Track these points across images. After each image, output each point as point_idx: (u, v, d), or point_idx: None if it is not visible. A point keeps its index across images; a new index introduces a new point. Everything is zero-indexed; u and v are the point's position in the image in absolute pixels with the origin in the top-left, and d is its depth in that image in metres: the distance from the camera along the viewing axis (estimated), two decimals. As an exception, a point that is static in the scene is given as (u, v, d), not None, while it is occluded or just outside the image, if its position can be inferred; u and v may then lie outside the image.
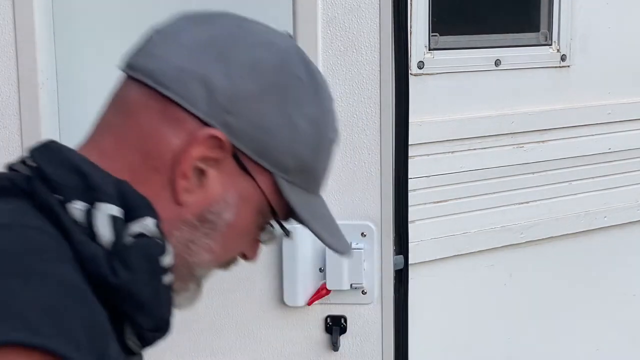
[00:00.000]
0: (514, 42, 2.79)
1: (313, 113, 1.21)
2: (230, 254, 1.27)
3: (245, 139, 1.16)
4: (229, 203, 1.18)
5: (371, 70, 1.84)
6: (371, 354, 1.94)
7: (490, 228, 2.72)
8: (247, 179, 1.18)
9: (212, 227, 1.19)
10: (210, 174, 1.16)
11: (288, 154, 1.19)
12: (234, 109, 1.15)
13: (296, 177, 1.21)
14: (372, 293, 1.91)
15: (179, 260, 1.19)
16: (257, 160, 1.18)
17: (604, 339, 2.98)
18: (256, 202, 1.21)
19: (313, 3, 1.81)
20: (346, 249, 1.32)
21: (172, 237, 1.17)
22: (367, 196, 1.89)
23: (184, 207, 1.17)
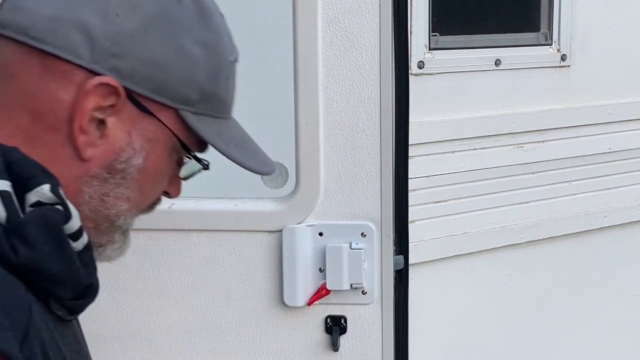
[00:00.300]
0: (514, 42, 2.79)
1: (205, 37, 1.17)
2: (150, 197, 1.24)
3: (138, 79, 1.12)
4: (136, 148, 1.15)
5: (371, 70, 1.83)
6: (371, 354, 1.93)
7: (490, 228, 2.72)
8: (150, 120, 1.15)
9: (124, 175, 1.16)
10: (109, 123, 1.12)
11: (187, 85, 1.15)
12: (119, 50, 1.10)
13: (201, 107, 1.18)
14: (372, 293, 1.91)
15: (97, 215, 1.17)
16: (156, 99, 1.14)
17: (604, 339, 2.98)
18: (165, 140, 1.18)
19: (313, 3, 1.81)
20: (267, 168, 1.30)
21: (83, 194, 1.15)
22: (367, 196, 1.88)
23: (90, 161, 1.14)
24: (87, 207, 1.16)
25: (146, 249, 1.98)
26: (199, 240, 1.95)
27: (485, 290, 2.75)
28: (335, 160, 1.87)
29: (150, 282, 1.99)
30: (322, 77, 1.84)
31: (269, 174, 1.34)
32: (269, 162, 1.32)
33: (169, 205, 1.96)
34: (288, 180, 2.41)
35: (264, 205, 1.93)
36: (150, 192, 1.24)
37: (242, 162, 1.24)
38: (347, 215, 1.89)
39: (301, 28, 1.82)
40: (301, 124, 1.86)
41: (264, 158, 1.31)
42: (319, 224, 1.89)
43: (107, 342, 2.01)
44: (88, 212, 1.17)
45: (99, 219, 1.18)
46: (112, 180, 1.16)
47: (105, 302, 1.99)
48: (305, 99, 1.85)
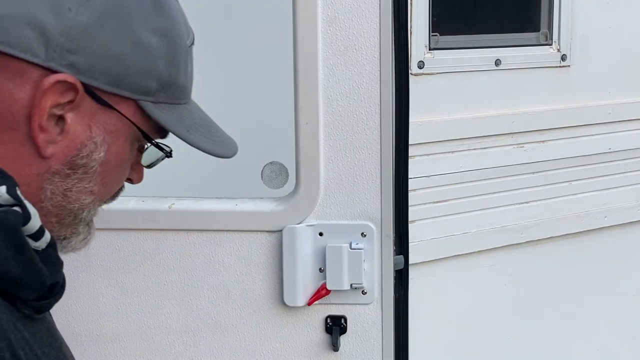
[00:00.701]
0: (514, 41, 2.78)
1: (161, 25, 1.16)
2: (113, 188, 1.24)
3: (96, 73, 1.11)
4: (97, 142, 1.15)
5: (371, 70, 1.84)
6: (371, 354, 1.94)
7: (490, 228, 2.72)
8: (110, 113, 1.15)
9: (86, 170, 1.16)
10: (69, 119, 1.12)
11: (146, 76, 1.15)
12: (74, 46, 1.10)
13: (161, 95, 1.18)
14: (372, 293, 1.91)
15: (61, 210, 1.18)
16: (115, 92, 1.14)
17: (604, 339, 2.98)
18: (126, 131, 1.18)
19: (313, 3, 1.81)
20: (229, 151, 1.29)
21: (44, 191, 1.15)
22: (367, 196, 1.89)
23: (51, 158, 1.13)
24: (50, 203, 1.16)
25: (146, 249, 1.98)
26: (199, 240, 1.96)
27: (485, 290, 2.75)
28: (335, 160, 1.88)
29: (150, 282, 1.99)
30: (322, 76, 1.84)
31: (231, 157, 1.32)
32: (231, 144, 1.31)
33: (169, 205, 1.97)
34: (288, 180, 2.42)
35: (264, 205, 1.93)
36: (114, 183, 1.24)
37: (205, 147, 1.24)
38: (347, 215, 1.89)
39: (301, 28, 1.83)
40: (301, 124, 1.86)
41: (226, 141, 1.30)
42: (319, 223, 1.90)
43: (107, 342, 2.01)
44: (51, 208, 1.17)
45: (62, 213, 1.19)
46: (74, 176, 1.16)
47: (105, 302, 1.99)
48: (305, 98, 1.85)
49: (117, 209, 1.96)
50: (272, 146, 2.57)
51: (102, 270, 2.00)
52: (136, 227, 1.98)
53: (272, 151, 2.52)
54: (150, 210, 1.97)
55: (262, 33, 2.67)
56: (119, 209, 1.96)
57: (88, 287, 1.99)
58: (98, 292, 1.99)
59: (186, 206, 1.97)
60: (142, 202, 1.99)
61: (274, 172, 2.47)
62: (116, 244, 1.99)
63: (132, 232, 1.98)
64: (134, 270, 1.99)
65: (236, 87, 2.72)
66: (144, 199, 2.00)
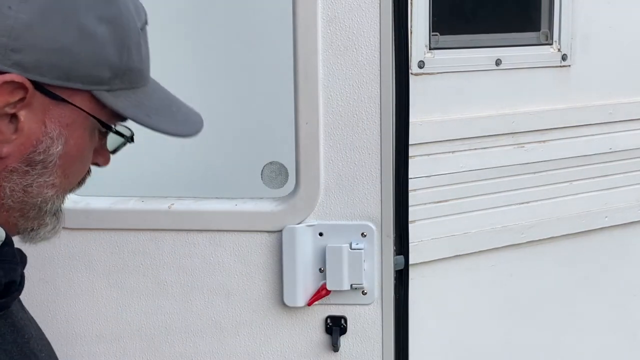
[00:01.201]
0: (515, 41, 2.77)
1: (107, 12, 1.15)
2: (77, 177, 1.24)
3: (44, 69, 1.11)
4: (54, 136, 1.15)
5: (371, 69, 1.84)
6: (371, 355, 1.94)
7: (491, 228, 2.71)
8: (64, 106, 1.14)
9: (45, 165, 1.16)
10: (22, 116, 1.12)
11: (97, 65, 1.14)
12: (18, 45, 1.09)
13: (116, 83, 1.17)
14: (372, 293, 1.92)
15: (23, 205, 1.17)
16: (66, 85, 1.13)
17: (604, 339, 2.97)
18: (83, 122, 1.17)
19: (313, 2, 1.81)
20: (191, 129, 1.28)
21: (3, 189, 1.15)
22: (367, 196, 1.89)
23: (7, 158, 1.13)
24: (10, 199, 1.16)
25: (146, 249, 1.98)
26: (199, 240, 1.96)
27: (485, 290, 2.74)
28: (335, 160, 1.88)
29: (150, 282, 1.99)
30: (322, 76, 1.85)
31: (194, 135, 1.32)
32: (195, 121, 1.31)
33: (169, 206, 1.97)
34: (288, 180, 2.42)
35: (264, 206, 1.94)
36: (76, 173, 1.24)
37: (166, 130, 1.23)
38: (347, 215, 1.90)
39: (301, 28, 1.83)
40: (301, 124, 1.87)
41: (191, 118, 1.30)
42: (319, 224, 1.90)
43: (107, 342, 2.02)
44: (12, 204, 1.17)
45: (25, 208, 1.18)
46: (33, 172, 1.16)
47: (105, 302, 2.00)
48: (306, 98, 1.86)
49: (117, 209, 1.97)
50: (272, 146, 2.57)
51: (102, 270, 2.00)
52: (136, 227, 1.99)
53: (272, 151, 2.52)
54: (150, 211, 1.97)
55: (262, 33, 2.67)
56: (119, 209, 1.97)
57: (88, 287, 2.00)
58: (98, 292, 2.00)
59: (186, 206, 1.97)
60: (141, 202, 2.00)
61: (273, 172, 2.47)
62: (116, 244, 1.99)
63: (132, 232, 1.99)
64: (133, 270, 2.00)
65: (236, 87, 2.72)
66: (144, 199, 2.00)
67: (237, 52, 2.74)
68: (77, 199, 1.97)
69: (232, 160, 2.72)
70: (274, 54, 2.45)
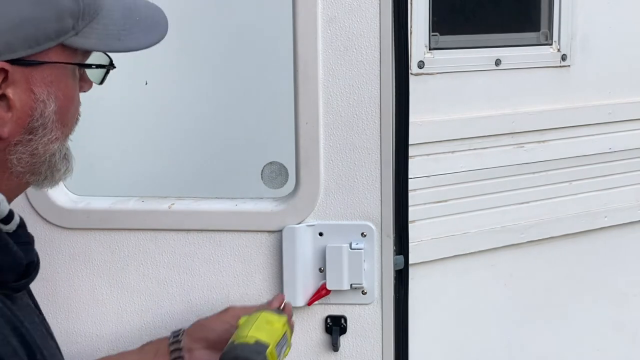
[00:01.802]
0: (514, 41, 2.78)
1: None
2: (73, 121, 1.30)
3: (14, 46, 1.15)
4: (44, 99, 1.20)
5: (371, 69, 1.84)
6: (371, 354, 1.94)
7: (491, 228, 2.71)
8: (43, 67, 1.19)
9: (44, 126, 1.21)
10: (10, 94, 1.16)
11: (58, 19, 1.18)
12: None
13: (80, 24, 1.22)
14: (372, 293, 1.91)
15: (33, 167, 1.23)
16: (39, 49, 1.17)
17: (604, 339, 2.97)
18: (65, 73, 1.23)
19: (313, 3, 1.81)
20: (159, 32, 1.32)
21: (10, 161, 1.20)
22: (367, 196, 1.89)
23: (9, 136, 1.18)
24: (19, 167, 1.21)
25: (146, 248, 1.99)
26: (199, 240, 1.96)
27: (485, 290, 2.74)
28: (335, 160, 1.88)
29: (150, 282, 1.99)
30: (322, 76, 1.84)
31: (164, 35, 1.35)
32: (157, 22, 1.33)
33: (169, 206, 1.97)
34: (288, 181, 2.42)
35: (264, 205, 1.93)
36: (73, 117, 1.29)
37: (138, 47, 1.28)
38: (347, 215, 1.89)
39: (301, 28, 1.83)
40: (301, 124, 1.87)
41: (155, 16, 1.33)
42: (319, 224, 1.90)
43: (107, 342, 2.02)
44: (21, 169, 1.22)
45: (34, 167, 1.23)
46: (36, 137, 1.21)
47: (105, 302, 2.00)
48: (306, 98, 1.85)
49: (117, 209, 1.97)
50: (272, 146, 2.57)
51: (102, 270, 2.00)
52: (136, 227, 1.99)
53: (272, 151, 2.52)
54: (150, 211, 1.97)
55: (262, 33, 2.67)
56: (119, 209, 1.97)
57: (88, 287, 2.00)
58: (98, 292, 2.00)
59: (186, 206, 1.97)
60: (142, 202, 2.00)
61: (274, 172, 2.47)
62: (116, 244, 1.99)
63: (132, 232, 1.98)
64: (134, 270, 1.99)
65: (236, 87, 2.72)
66: (144, 199, 2.00)
67: (237, 52, 2.74)
68: (78, 199, 1.97)
69: (232, 160, 2.72)
70: (274, 54, 2.46)
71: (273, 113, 2.62)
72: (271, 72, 2.57)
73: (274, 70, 2.43)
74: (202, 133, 2.73)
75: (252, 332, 1.63)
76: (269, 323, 1.68)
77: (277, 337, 1.66)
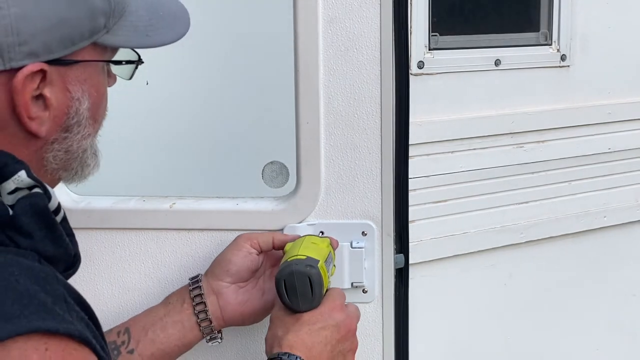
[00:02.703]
0: (514, 41, 2.79)
1: None
2: (103, 116, 1.35)
3: (52, 47, 1.18)
4: (79, 97, 1.24)
5: (372, 69, 1.85)
6: (372, 353, 1.94)
7: (490, 228, 2.72)
8: (77, 66, 1.23)
9: (79, 123, 1.25)
10: (47, 93, 1.20)
11: (91, 19, 1.22)
12: (23, 38, 1.15)
13: (110, 22, 1.26)
14: (372, 292, 1.92)
15: (66, 163, 1.27)
16: (74, 49, 1.21)
17: (604, 339, 2.98)
18: (96, 71, 1.27)
19: (314, 3, 1.82)
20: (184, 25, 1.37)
21: (46, 159, 1.24)
22: (367, 195, 1.89)
23: (47, 135, 1.22)
24: (54, 164, 1.25)
25: (147, 248, 1.99)
26: (200, 239, 1.96)
27: (485, 290, 2.75)
28: (336, 159, 1.89)
29: (151, 281, 1.99)
30: (322, 76, 1.85)
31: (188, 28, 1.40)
32: (180, 16, 1.38)
33: (170, 205, 1.98)
34: (288, 180, 2.43)
35: (264, 205, 1.94)
36: (103, 113, 1.34)
37: (165, 42, 1.33)
38: (348, 214, 1.90)
39: (302, 28, 1.83)
40: (302, 123, 1.87)
41: (175, 15, 1.37)
42: (320, 223, 1.90)
43: (108, 341, 2.03)
44: (55, 166, 1.26)
45: (67, 164, 1.28)
46: (71, 134, 1.25)
47: (106, 301, 2.00)
48: (306, 98, 1.86)
49: (118, 208, 1.98)
50: (272, 146, 2.58)
51: (103, 270, 2.01)
52: (137, 226, 1.99)
53: (273, 150, 2.52)
54: (151, 210, 1.98)
55: (263, 33, 2.68)
56: (120, 208, 1.98)
57: (89, 287, 2.00)
58: (99, 292, 2.00)
59: (187, 206, 1.97)
60: (143, 201, 2.00)
61: (274, 171, 2.48)
62: (117, 244, 1.99)
63: (133, 232, 1.99)
64: (135, 270, 2.00)
65: (237, 87, 2.74)
66: (145, 198, 2.01)
67: (238, 52, 2.74)
68: (78, 198, 1.98)
69: (232, 160, 2.73)
70: (274, 54, 2.45)
71: (273, 113, 2.62)
72: (271, 72, 2.57)
73: (274, 70, 2.42)
74: (203, 133, 2.74)
75: (301, 250, 1.68)
76: (314, 244, 1.74)
77: (324, 255, 1.71)
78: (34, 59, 1.16)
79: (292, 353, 1.52)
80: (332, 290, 1.70)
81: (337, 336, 1.59)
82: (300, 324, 1.59)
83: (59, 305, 1.07)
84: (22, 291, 1.03)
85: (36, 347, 1.00)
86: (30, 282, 1.05)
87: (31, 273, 1.07)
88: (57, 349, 1.02)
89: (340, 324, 1.62)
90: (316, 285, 1.63)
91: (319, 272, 1.64)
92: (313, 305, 1.64)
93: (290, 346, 1.55)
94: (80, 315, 1.11)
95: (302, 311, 1.63)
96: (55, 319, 1.04)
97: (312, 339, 1.57)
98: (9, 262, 1.07)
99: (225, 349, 1.99)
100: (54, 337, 1.02)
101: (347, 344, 1.63)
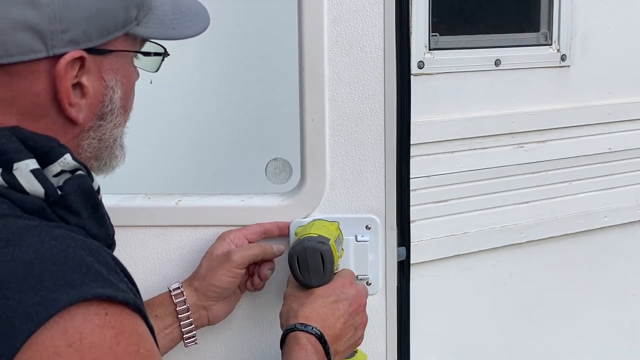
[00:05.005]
0: (514, 42, 2.81)
1: None
2: (131, 105, 1.43)
3: (91, 35, 1.28)
4: (112, 86, 1.33)
5: (375, 67, 1.89)
6: (375, 343, 1.99)
7: (491, 228, 2.74)
8: (111, 55, 1.32)
9: (112, 112, 1.35)
10: (85, 81, 1.29)
11: (126, 10, 1.32)
12: (65, 25, 1.25)
13: (141, 15, 1.36)
14: (376, 284, 1.95)
15: (98, 152, 1.36)
16: (109, 39, 1.31)
17: (604, 339, 2.98)
18: (127, 61, 1.37)
19: (319, 3, 1.87)
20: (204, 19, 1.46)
21: (82, 147, 1.33)
22: (371, 190, 1.93)
23: (84, 121, 1.31)
24: (88, 151, 1.34)
25: (153, 245, 2.01)
26: (206, 235, 1.98)
27: (485, 290, 2.75)
28: (340, 155, 1.92)
29: (156, 278, 2.01)
30: (327, 74, 1.89)
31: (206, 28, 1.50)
32: (201, 11, 1.48)
33: (175, 202, 2.00)
34: (292, 177, 2.45)
35: (270, 201, 1.97)
36: (132, 102, 1.43)
37: (189, 35, 1.43)
38: (352, 209, 1.94)
39: (307, 27, 1.88)
40: (307, 120, 1.90)
41: (195, 10, 1.47)
42: (325, 217, 1.92)
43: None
44: (89, 155, 1.36)
45: (99, 153, 1.37)
46: (105, 122, 1.34)
47: (112, 298, 2.05)
48: (311, 96, 1.90)
49: (124, 206, 2.00)
50: (276, 143, 2.62)
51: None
52: (143, 224, 2.01)
53: (279, 147, 2.57)
54: (157, 207, 2.00)
55: (269, 32, 2.71)
56: (126, 206, 2.00)
57: (95, 284, 2.03)
58: (105, 289, 2.02)
59: (193, 202, 1.99)
60: (148, 199, 2.02)
61: (277, 168, 2.48)
62: (123, 241, 1.99)
63: (139, 229, 2.01)
64: (141, 266, 2.01)
65: (242, 85, 2.76)
66: (150, 196, 2.03)
67: (243, 50, 2.77)
68: (84, 196, 2.01)
69: (236, 157, 2.76)
70: (279, 52, 2.48)
71: (276, 111, 2.65)
72: (275, 70, 2.60)
73: (279, 68, 2.45)
74: (207, 131, 2.77)
75: (313, 230, 1.79)
76: (325, 226, 1.84)
77: (334, 236, 1.81)
78: (75, 47, 1.25)
79: (308, 323, 1.64)
80: (342, 269, 1.81)
81: (350, 309, 1.71)
82: (314, 297, 1.71)
83: (112, 275, 1.15)
84: (79, 261, 1.12)
85: (97, 312, 1.09)
86: (85, 253, 1.13)
87: (85, 245, 1.15)
88: (115, 314, 1.11)
89: (352, 298, 1.74)
90: (328, 260, 1.74)
91: (330, 249, 1.75)
92: (325, 281, 1.75)
93: (305, 317, 1.67)
94: (129, 286, 1.19)
95: (314, 286, 1.75)
96: (112, 287, 1.12)
97: (326, 310, 1.69)
98: (64, 235, 1.15)
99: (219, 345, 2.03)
100: (112, 304, 1.11)
101: (358, 318, 1.75)
